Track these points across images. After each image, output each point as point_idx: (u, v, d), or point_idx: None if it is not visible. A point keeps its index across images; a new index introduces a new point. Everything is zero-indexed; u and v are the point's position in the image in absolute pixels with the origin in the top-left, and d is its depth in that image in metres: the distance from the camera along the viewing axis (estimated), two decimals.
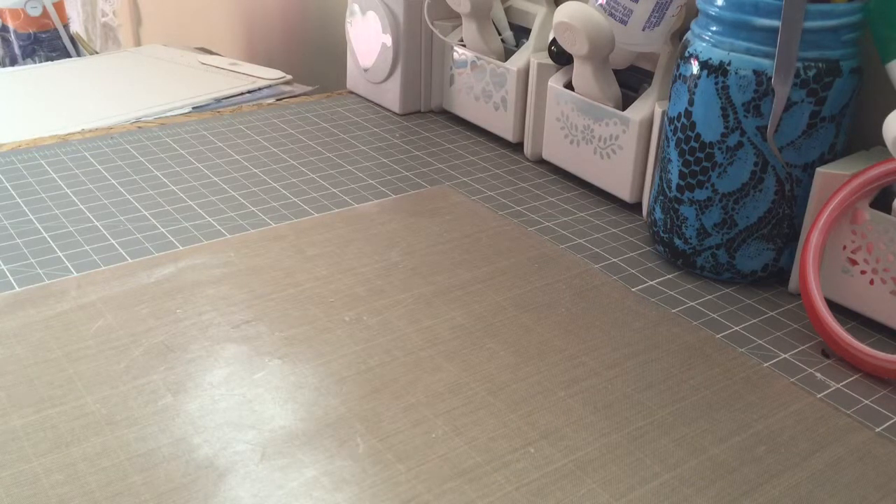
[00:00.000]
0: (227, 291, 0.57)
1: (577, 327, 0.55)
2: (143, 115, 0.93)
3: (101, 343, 0.51)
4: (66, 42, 1.47)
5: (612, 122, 0.69)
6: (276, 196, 0.71)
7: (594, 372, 0.50)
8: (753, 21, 0.54)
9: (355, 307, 0.56)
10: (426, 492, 0.41)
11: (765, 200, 0.58)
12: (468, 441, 0.45)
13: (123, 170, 0.74)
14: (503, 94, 0.81)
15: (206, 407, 0.46)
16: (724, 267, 0.61)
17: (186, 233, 0.64)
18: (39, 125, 0.90)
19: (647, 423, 0.47)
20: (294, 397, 0.47)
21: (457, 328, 0.54)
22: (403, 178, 0.76)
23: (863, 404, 0.49)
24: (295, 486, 0.41)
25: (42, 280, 0.57)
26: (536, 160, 0.80)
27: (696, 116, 0.58)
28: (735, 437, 0.46)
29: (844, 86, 0.55)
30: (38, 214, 0.66)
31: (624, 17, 0.65)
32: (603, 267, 0.62)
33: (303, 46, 1.28)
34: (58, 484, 0.41)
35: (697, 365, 0.52)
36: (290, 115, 0.89)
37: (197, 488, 0.41)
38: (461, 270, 0.60)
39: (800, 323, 0.57)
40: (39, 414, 0.45)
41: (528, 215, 0.70)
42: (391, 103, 0.91)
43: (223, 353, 0.51)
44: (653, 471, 0.43)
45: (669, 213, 0.62)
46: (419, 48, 0.88)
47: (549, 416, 0.47)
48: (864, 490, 0.43)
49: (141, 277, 0.58)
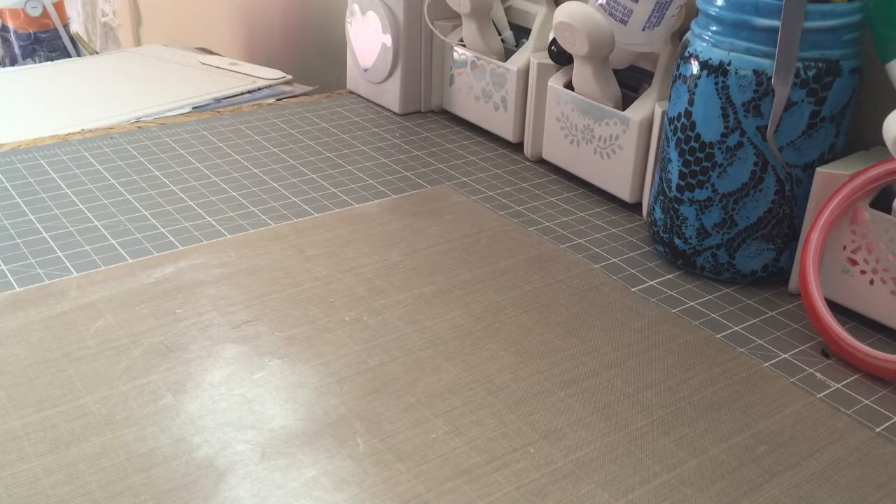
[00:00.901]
0: (227, 291, 0.57)
1: (577, 327, 0.55)
2: (143, 115, 0.93)
3: (101, 343, 0.51)
4: (66, 42, 1.47)
5: (612, 122, 0.69)
6: (276, 196, 0.71)
7: (594, 372, 0.50)
8: (753, 21, 0.54)
9: (355, 307, 0.56)
10: (426, 492, 0.41)
11: (765, 200, 0.58)
12: (468, 441, 0.45)
13: (123, 170, 0.74)
14: (503, 94, 0.81)
15: (206, 407, 0.46)
16: (724, 267, 0.61)
17: (186, 233, 0.64)
18: (39, 125, 0.90)
19: (647, 423, 0.47)
20: (294, 397, 0.47)
21: (457, 328, 0.54)
22: (403, 178, 0.76)
23: (863, 404, 0.49)
24: (295, 486, 0.41)
25: (42, 280, 0.57)
26: (536, 160, 0.80)
27: (696, 116, 0.58)
28: (735, 437, 0.46)
29: (844, 86, 0.55)
30: (38, 214, 0.66)
31: (624, 17, 0.65)
32: (603, 267, 0.62)
33: (303, 46, 1.28)
34: (58, 484, 0.41)
35: (697, 365, 0.52)
36: (290, 115, 0.89)
37: (197, 488, 0.41)
38: (461, 270, 0.60)
39: (800, 323, 0.57)
40: (39, 414, 0.45)
41: (528, 215, 0.70)
42: (391, 103, 0.91)
43: (223, 353, 0.51)
44: (653, 471, 0.43)
45: (669, 213, 0.62)
46: (419, 48, 0.88)
47: (549, 416, 0.47)
48: (864, 490, 0.43)
49: (141, 277, 0.58)
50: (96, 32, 1.86)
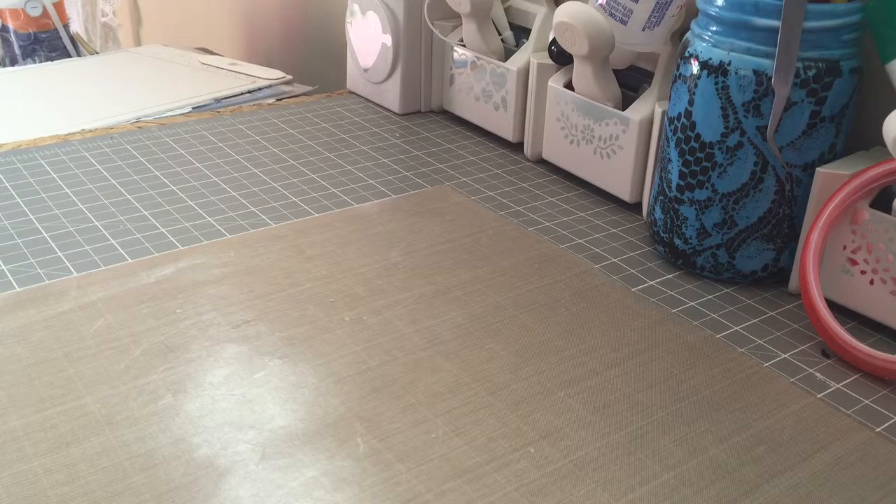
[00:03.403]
0: (227, 291, 0.57)
1: (577, 327, 0.55)
2: (143, 115, 0.93)
3: (101, 343, 0.51)
4: (66, 42, 1.47)
5: (612, 122, 0.69)
6: (276, 196, 0.71)
7: (594, 372, 0.50)
8: (753, 21, 0.54)
9: (355, 307, 0.56)
10: (426, 492, 0.41)
11: (765, 200, 0.58)
12: (468, 441, 0.45)
13: (123, 170, 0.74)
14: (503, 94, 0.81)
15: (206, 407, 0.46)
16: (724, 267, 0.61)
17: (186, 233, 0.64)
18: (39, 125, 0.90)
19: (647, 423, 0.47)
20: (294, 397, 0.47)
21: (457, 328, 0.54)
22: (403, 178, 0.76)
23: (863, 404, 0.49)
24: (295, 486, 0.41)
25: (42, 280, 0.57)
26: (536, 160, 0.80)
27: (697, 116, 0.58)
28: (735, 437, 0.46)
29: (844, 86, 0.55)
30: (38, 214, 0.66)
31: (624, 17, 0.65)
32: (603, 267, 0.62)
33: (303, 46, 1.28)
34: (58, 484, 0.41)
35: (697, 365, 0.52)
36: (290, 115, 0.89)
37: (197, 488, 0.41)
38: (461, 270, 0.60)
39: (800, 323, 0.57)
40: (39, 414, 0.45)
41: (528, 215, 0.70)
42: (391, 103, 0.91)
43: (223, 353, 0.51)
44: (653, 471, 0.43)
45: (669, 213, 0.62)
46: (419, 48, 0.88)
47: (549, 416, 0.47)
48: (864, 490, 0.43)
49: (141, 277, 0.58)
50: (96, 32, 1.86)
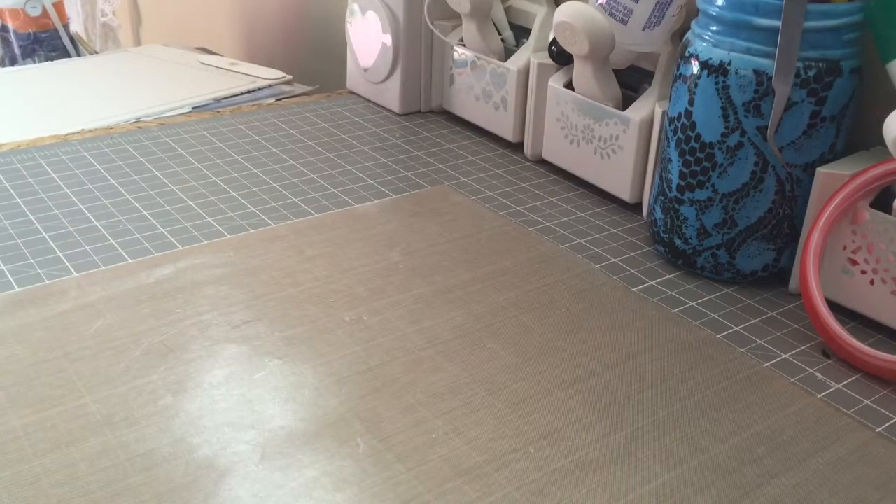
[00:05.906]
0: (227, 291, 0.57)
1: (577, 327, 0.55)
2: (143, 115, 0.93)
3: (101, 343, 0.51)
4: (66, 42, 1.46)
5: (612, 122, 0.69)
6: (276, 196, 0.71)
7: (594, 372, 0.50)
8: (754, 21, 0.54)
9: (355, 307, 0.56)
10: (426, 492, 0.41)
11: (765, 200, 0.58)
12: (468, 441, 0.45)
13: (123, 170, 0.74)
14: (503, 94, 0.81)
15: (206, 407, 0.46)
16: (724, 267, 0.61)
17: (186, 233, 0.64)
18: (39, 125, 0.90)
19: (647, 423, 0.47)
20: (294, 397, 0.47)
21: (457, 328, 0.54)
22: (403, 178, 0.76)
23: (863, 404, 0.49)
24: (295, 486, 0.41)
25: (42, 280, 0.57)
26: (536, 160, 0.80)
27: (697, 116, 0.58)
28: (735, 437, 0.46)
29: (845, 86, 0.55)
30: (38, 214, 0.66)
31: (624, 17, 0.65)
32: (603, 267, 0.62)
33: (303, 46, 1.28)
34: (58, 484, 0.41)
35: (697, 365, 0.52)
36: (290, 115, 0.89)
37: (197, 488, 0.41)
38: (461, 270, 0.60)
39: (800, 323, 0.57)
40: (39, 414, 0.45)
41: (528, 215, 0.70)
42: (391, 103, 0.91)
43: (223, 353, 0.51)
44: (653, 471, 0.43)
45: (670, 213, 0.62)
46: (419, 48, 0.88)
47: (549, 416, 0.47)
48: (864, 490, 0.43)
49: (141, 277, 0.58)
50: (96, 32, 1.85)
